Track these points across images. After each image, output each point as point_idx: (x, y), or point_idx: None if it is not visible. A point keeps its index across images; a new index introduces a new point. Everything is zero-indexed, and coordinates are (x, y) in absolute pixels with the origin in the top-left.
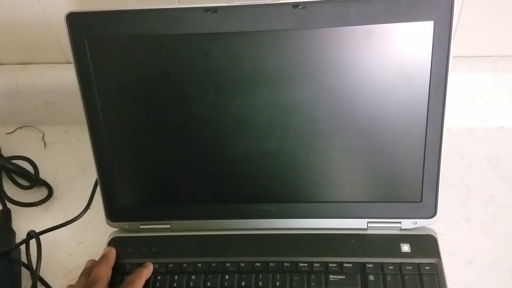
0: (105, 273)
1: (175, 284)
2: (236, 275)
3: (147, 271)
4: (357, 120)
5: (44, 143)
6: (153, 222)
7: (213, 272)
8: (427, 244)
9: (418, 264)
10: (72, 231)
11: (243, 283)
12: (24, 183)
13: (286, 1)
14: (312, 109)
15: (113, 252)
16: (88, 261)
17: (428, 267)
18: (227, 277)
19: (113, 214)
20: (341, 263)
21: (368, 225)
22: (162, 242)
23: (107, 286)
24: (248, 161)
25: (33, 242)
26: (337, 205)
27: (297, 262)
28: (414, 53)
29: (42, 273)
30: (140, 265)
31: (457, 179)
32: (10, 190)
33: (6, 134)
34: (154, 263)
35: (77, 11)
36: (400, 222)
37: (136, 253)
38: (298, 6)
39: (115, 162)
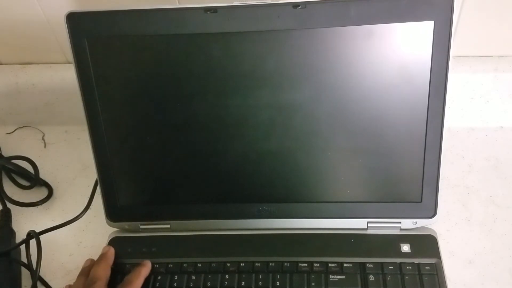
0: (104, 272)
1: (175, 284)
2: (236, 275)
3: (146, 270)
4: (357, 120)
5: (44, 143)
6: (153, 222)
7: (213, 272)
8: (427, 244)
9: (418, 264)
10: (72, 231)
11: (243, 283)
12: (24, 183)
13: (286, 1)
14: (312, 109)
15: (111, 251)
16: (87, 260)
17: (428, 267)
18: (227, 277)
19: (113, 214)
20: (341, 263)
21: (368, 225)
22: (162, 242)
23: (106, 285)
24: (248, 161)
25: (33, 242)
26: (337, 205)
27: (297, 262)
28: (414, 53)
29: (42, 273)
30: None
31: (457, 179)
32: (10, 190)
33: (6, 134)
34: (154, 263)
35: (77, 11)
36: (400, 222)
37: (136, 253)
38: (298, 6)
39: (115, 162)
